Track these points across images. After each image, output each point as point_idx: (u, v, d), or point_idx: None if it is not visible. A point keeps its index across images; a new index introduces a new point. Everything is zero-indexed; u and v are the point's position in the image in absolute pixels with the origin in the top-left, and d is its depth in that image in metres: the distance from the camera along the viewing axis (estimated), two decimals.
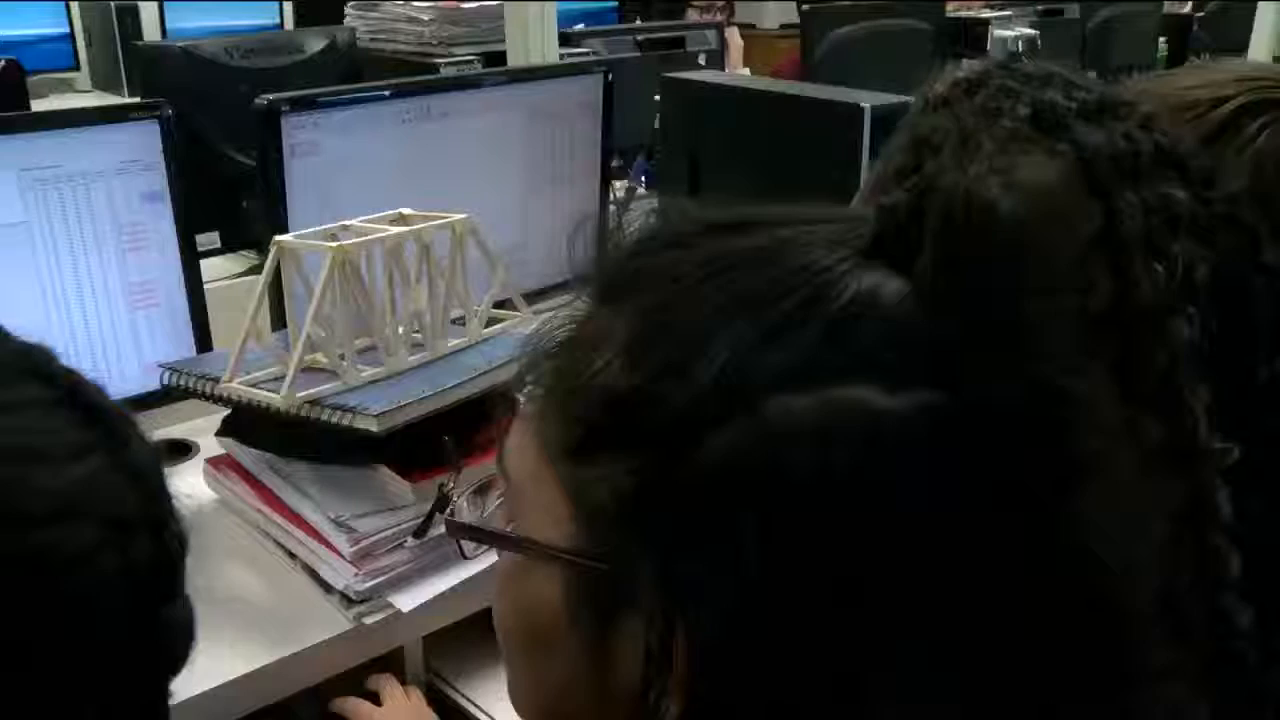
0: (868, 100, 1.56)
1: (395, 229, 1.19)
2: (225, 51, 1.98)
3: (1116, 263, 0.56)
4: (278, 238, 1.16)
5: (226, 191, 1.90)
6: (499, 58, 2.31)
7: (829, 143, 1.59)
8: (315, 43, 2.09)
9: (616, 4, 3.83)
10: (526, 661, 0.52)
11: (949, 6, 3.12)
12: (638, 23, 3.58)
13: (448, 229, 1.21)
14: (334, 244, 1.13)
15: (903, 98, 1.47)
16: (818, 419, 0.41)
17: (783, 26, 5.22)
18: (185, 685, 0.98)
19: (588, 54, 2.29)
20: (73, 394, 0.52)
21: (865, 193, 0.80)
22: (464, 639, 1.21)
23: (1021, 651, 0.42)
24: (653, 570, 0.43)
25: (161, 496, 0.53)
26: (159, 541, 0.51)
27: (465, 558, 0.57)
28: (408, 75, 2.28)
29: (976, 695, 0.42)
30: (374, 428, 1.07)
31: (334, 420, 1.09)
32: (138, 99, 1.92)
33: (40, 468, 0.48)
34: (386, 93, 1.48)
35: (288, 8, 4.06)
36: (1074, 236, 0.45)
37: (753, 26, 5.32)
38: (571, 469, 0.46)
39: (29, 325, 1.24)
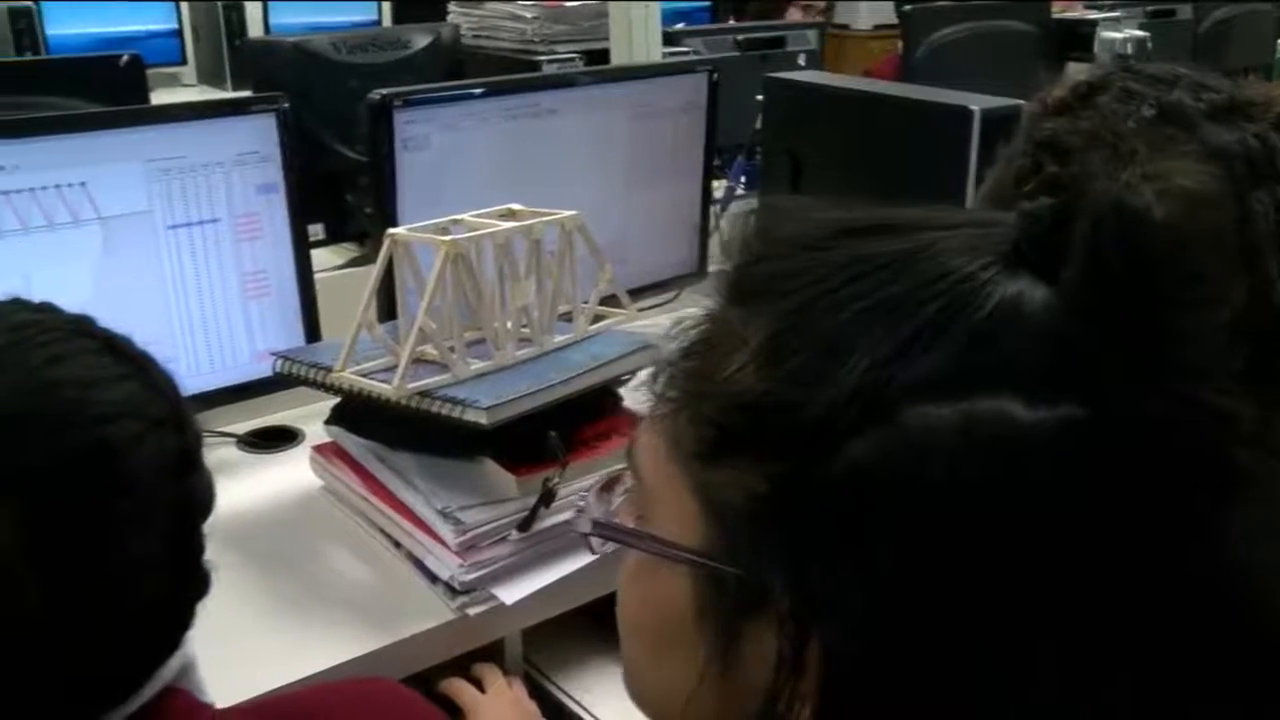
0: (976, 103, 1.54)
1: (506, 224, 1.20)
2: (333, 46, 2.01)
3: (1250, 263, 0.54)
4: (391, 230, 1.17)
5: (330, 184, 1.93)
6: (601, 56, 2.32)
7: (935, 146, 1.56)
8: (420, 39, 2.11)
9: (710, 3, 3.82)
10: (649, 658, 0.52)
11: (1054, 7, 3.04)
12: (731, 22, 3.58)
13: (557, 225, 1.22)
14: (447, 238, 1.14)
15: (1013, 101, 1.44)
16: (958, 431, 0.40)
17: (876, 27, 5.17)
18: (292, 669, 1.02)
19: (688, 53, 2.29)
20: (110, 344, 0.74)
21: (982, 197, 0.79)
22: (560, 633, 1.21)
23: (1160, 658, 0.41)
24: (786, 576, 0.42)
25: (180, 404, 0.76)
26: (181, 433, 0.74)
27: (594, 553, 0.57)
28: (509, 73, 2.29)
29: (1110, 699, 0.41)
30: (484, 421, 1.08)
31: (444, 412, 1.10)
32: (247, 93, 1.96)
33: (98, 389, 0.71)
34: (482, 90, 1.49)
35: (386, 5, 4.12)
36: (1227, 246, 0.43)
37: (846, 27, 5.28)
38: (702, 471, 0.46)
39: (150, 311, 1.29)
